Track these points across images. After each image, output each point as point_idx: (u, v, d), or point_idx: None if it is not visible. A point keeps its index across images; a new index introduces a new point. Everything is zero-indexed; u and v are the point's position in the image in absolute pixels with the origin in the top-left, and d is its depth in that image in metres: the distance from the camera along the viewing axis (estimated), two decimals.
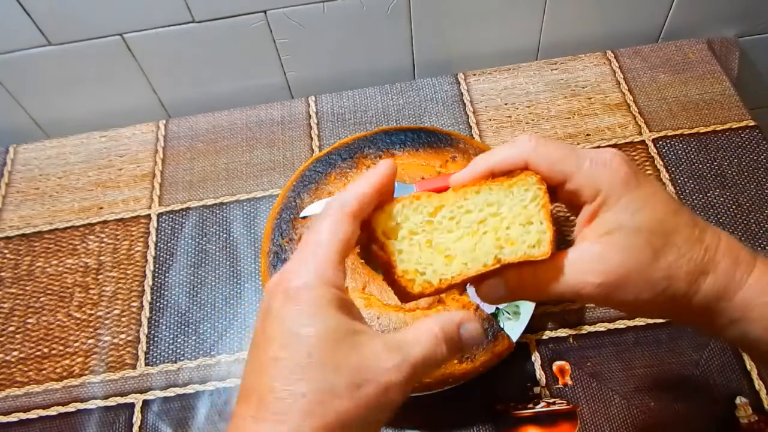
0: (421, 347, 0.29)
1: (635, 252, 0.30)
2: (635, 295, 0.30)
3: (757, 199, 0.64)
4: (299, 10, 0.70)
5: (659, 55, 0.76)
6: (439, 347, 0.29)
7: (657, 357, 0.56)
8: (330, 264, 0.29)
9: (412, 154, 0.62)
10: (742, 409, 0.52)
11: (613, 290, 0.30)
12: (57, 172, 0.73)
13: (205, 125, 0.75)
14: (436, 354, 0.29)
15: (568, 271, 0.31)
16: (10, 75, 0.72)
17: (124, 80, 0.75)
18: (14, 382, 0.59)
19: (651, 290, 0.30)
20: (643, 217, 0.31)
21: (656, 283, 0.30)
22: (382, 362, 0.28)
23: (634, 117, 0.71)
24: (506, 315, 0.54)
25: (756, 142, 0.68)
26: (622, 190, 0.31)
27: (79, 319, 0.62)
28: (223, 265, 0.65)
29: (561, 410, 0.54)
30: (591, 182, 0.31)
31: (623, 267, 0.30)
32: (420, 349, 0.29)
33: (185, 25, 0.69)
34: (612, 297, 0.31)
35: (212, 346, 0.60)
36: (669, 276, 0.30)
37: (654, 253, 0.30)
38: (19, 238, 0.68)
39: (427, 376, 0.31)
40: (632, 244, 0.30)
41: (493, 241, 0.32)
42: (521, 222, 0.32)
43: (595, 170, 0.31)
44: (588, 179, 0.31)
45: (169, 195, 0.70)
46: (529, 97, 0.74)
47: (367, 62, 0.78)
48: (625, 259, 0.30)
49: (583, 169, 0.31)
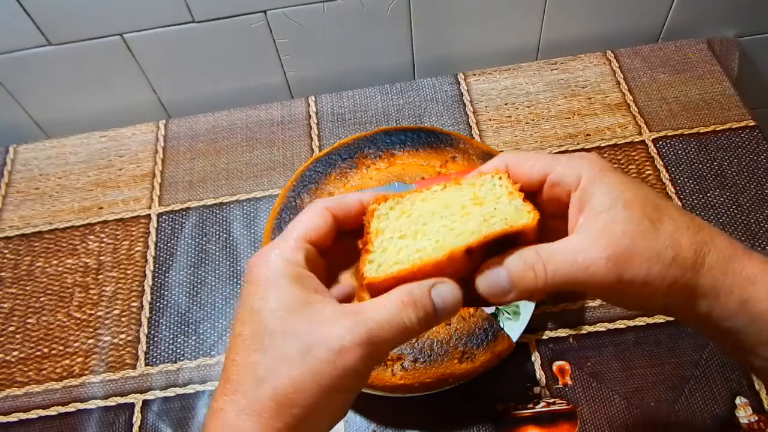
0: (379, 312, 0.29)
1: (635, 223, 0.30)
2: (647, 270, 0.30)
3: (757, 199, 0.64)
4: (299, 10, 0.70)
5: (659, 55, 0.76)
6: (404, 312, 0.29)
7: (657, 357, 0.56)
8: (290, 244, 0.31)
9: (412, 154, 0.62)
10: (742, 409, 0.52)
11: (623, 265, 0.30)
12: (57, 172, 0.73)
13: (205, 125, 0.75)
14: (400, 319, 0.28)
15: (574, 252, 0.30)
16: (10, 75, 0.72)
17: (124, 80, 0.75)
18: (14, 382, 0.59)
19: (660, 261, 0.30)
20: (631, 193, 0.31)
21: (663, 251, 0.30)
22: (333, 326, 0.28)
23: (634, 117, 0.71)
24: (506, 315, 0.54)
25: (756, 142, 0.68)
26: (603, 175, 0.31)
27: (79, 319, 0.62)
28: (223, 265, 0.65)
29: (561, 410, 0.54)
30: (571, 169, 0.32)
31: (627, 236, 0.30)
32: (378, 314, 0.28)
33: (185, 25, 0.69)
34: (624, 276, 0.30)
35: (212, 346, 0.60)
36: (673, 245, 0.30)
37: (652, 223, 0.30)
38: (19, 238, 0.68)
39: (395, 343, 0.29)
40: (630, 216, 0.30)
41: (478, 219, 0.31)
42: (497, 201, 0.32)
43: (572, 161, 0.32)
44: (568, 167, 0.32)
45: (169, 195, 0.70)
46: (529, 97, 0.74)
47: (367, 62, 0.78)
48: (628, 229, 0.30)
49: (561, 161, 0.32)
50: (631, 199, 0.31)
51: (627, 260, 0.30)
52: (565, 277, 0.30)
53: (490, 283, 0.31)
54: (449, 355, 0.51)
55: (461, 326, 0.53)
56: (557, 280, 0.30)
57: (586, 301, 0.59)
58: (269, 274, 0.30)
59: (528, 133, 0.71)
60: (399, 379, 0.51)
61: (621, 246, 0.30)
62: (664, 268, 0.30)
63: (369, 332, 0.28)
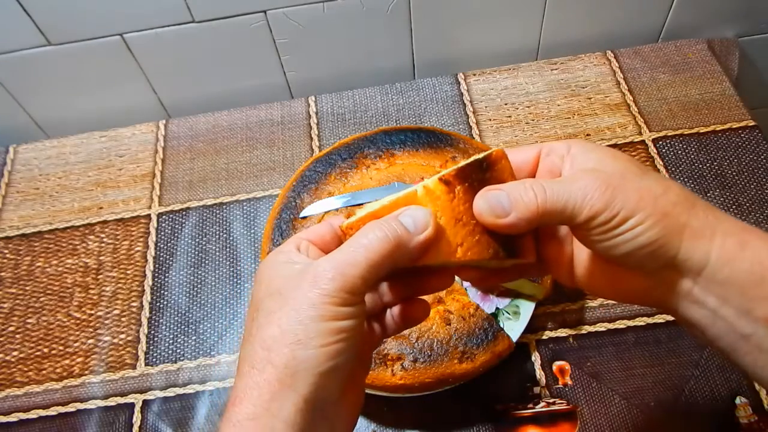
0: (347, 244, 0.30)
1: (624, 168, 0.31)
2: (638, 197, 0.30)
3: (757, 199, 0.64)
4: (299, 10, 0.70)
5: (659, 55, 0.76)
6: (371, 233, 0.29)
7: (657, 357, 0.56)
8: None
9: (412, 154, 0.62)
10: (742, 409, 0.52)
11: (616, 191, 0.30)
12: (57, 172, 0.73)
13: (205, 125, 0.75)
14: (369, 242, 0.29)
15: (571, 181, 0.31)
16: (10, 75, 0.72)
17: (124, 80, 0.75)
18: (14, 382, 0.59)
19: (651, 194, 0.30)
20: (618, 155, 0.33)
21: (653, 186, 0.30)
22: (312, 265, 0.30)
23: (634, 117, 0.71)
24: (506, 315, 0.54)
25: (756, 142, 0.68)
26: (591, 145, 0.33)
27: (79, 319, 0.62)
28: (223, 265, 0.65)
29: (561, 410, 0.54)
30: (562, 143, 0.34)
31: (618, 173, 0.31)
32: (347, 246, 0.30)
33: (185, 25, 0.69)
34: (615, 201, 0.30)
35: (212, 346, 0.60)
36: (662, 185, 0.31)
37: (641, 171, 0.32)
38: (19, 238, 0.68)
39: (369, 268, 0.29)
40: (619, 164, 0.32)
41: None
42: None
43: (561, 142, 0.34)
44: (558, 144, 0.34)
45: (169, 195, 0.70)
46: (529, 97, 0.74)
47: (367, 62, 0.78)
48: (617, 170, 0.31)
49: (549, 142, 0.34)
50: (618, 156, 0.32)
51: (619, 187, 0.30)
52: (561, 199, 0.30)
53: (491, 202, 0.31)
54: (449, 355, 0.51)
55: (461, 326, 0.53)
56: (554, 201, 0.30)
57: (586, 301, 0.59)
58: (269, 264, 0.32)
59: (528, 133, 0.71)
60: (399, 379, 0.51)
61: (614, 177, 0.31)
62: (654, 198, 0.30)
63: (338, 261, 0.29)
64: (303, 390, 0.28)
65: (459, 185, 0.31)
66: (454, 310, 0.54)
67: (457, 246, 0.30)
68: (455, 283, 0.56)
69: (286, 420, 0.28)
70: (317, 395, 0.28)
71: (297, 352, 0.28)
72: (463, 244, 0.31)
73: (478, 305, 0.54)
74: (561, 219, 0.31)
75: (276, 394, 0.28)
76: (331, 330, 0.28)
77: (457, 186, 0.31)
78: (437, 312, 0.53)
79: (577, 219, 0.30)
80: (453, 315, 0.53)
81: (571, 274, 0.36)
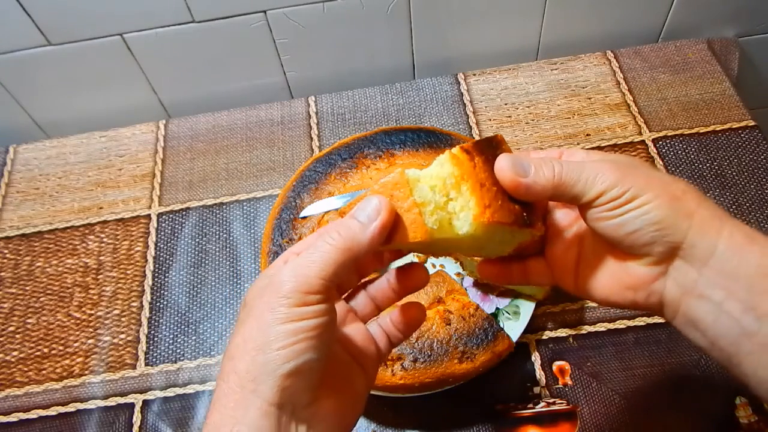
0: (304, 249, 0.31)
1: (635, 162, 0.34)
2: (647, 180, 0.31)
3: (757, 199, 0.64)
4: (299, 10, 0.70)
5: (659, 55, 0.76)
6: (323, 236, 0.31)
7: (657, 357, 0.56)
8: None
9: (412, 154, 0.62)
10: (742, 409, 0.52)
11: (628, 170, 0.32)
12: (57, 172, 0.73)
13: (205, 125, 0.75)
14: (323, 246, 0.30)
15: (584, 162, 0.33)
16: (10, 75, 0.72)
17: (124, 80, 0.75)
18: (14, 382, 0.59)
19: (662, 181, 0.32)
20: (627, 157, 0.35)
21: (662, 176, 0.32)
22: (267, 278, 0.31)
23: (634, 117, 0.71)
24: (506, 315, 0.54)
25: (756, 142, 0.68)
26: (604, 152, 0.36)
27: (79, 319, 0.62)
28: (223, 265, 0.65)
29: (561, 410, 0.54)
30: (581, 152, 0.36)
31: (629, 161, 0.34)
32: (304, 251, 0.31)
33: (185, 25, 0.69)
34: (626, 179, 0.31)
35: (212, 346, 0.60)
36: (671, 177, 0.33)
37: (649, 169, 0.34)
38: (19, 238, 0.68)
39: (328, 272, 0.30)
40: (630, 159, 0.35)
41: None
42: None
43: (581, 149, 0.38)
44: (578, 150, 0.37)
45: (169, 195, 0.70)
46: (529, 97, 0.74)
47: (367, 62, 0.78)
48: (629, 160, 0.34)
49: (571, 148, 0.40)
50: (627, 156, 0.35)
51: (630, 172, 0.32)
52: (575, 174, 0.32)
53: (514, 161, 0.33)
54: (449, 355, 0.51)
55: (461, 326, 0.53)
56: (569, 175, 0.32)
57: (586, 301, 0.59)
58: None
59: (528, 133, 0.71)
60: (399, 379, 0.51)
61: (624, 162, 0.33)
62: (664, 183, 0.32)
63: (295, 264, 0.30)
64: (266, 394, 0.28)
65: (477, 156, 0.33)
66: (454, 310, 0.54)
67: (485, 207, 0.32)
68: (455, 284, 0.56)
69: (250, 425, 0.28)
70: (283, 398, 0.28)
71: (257, 357, 0.28)
72: (490, 205, 0.32)
73: (478, 305, 0.54)
74: (574, 192, 0.32)
75: (239, 401, 0.28)
76: (289, 331, 0.28)
77: (476, 156, 0.33)
78: (437, 312, 0.53)
79: (589, 193, 0.32)
80: (453, 315, 0.53)
81: (575, 276, 0.36)
